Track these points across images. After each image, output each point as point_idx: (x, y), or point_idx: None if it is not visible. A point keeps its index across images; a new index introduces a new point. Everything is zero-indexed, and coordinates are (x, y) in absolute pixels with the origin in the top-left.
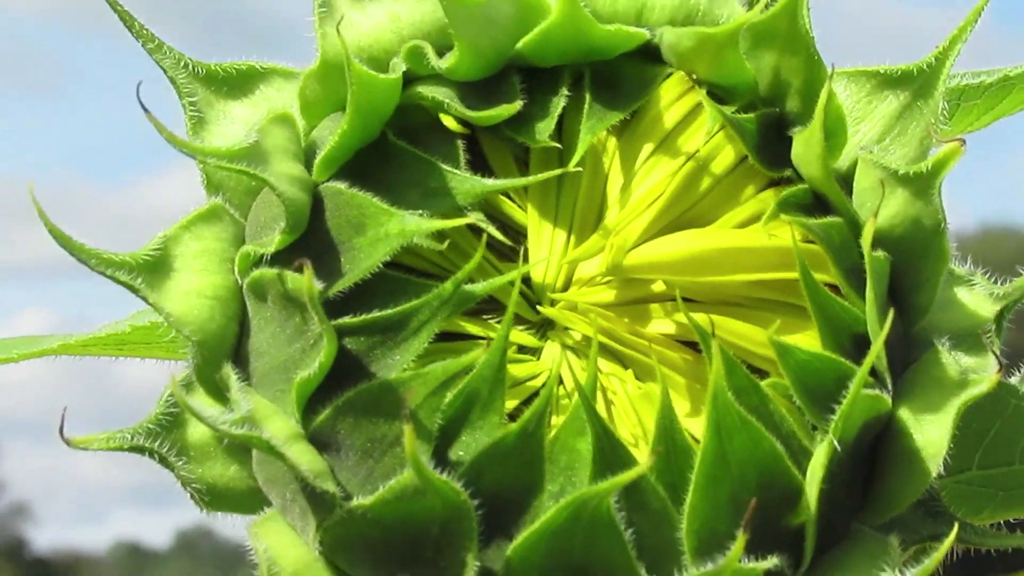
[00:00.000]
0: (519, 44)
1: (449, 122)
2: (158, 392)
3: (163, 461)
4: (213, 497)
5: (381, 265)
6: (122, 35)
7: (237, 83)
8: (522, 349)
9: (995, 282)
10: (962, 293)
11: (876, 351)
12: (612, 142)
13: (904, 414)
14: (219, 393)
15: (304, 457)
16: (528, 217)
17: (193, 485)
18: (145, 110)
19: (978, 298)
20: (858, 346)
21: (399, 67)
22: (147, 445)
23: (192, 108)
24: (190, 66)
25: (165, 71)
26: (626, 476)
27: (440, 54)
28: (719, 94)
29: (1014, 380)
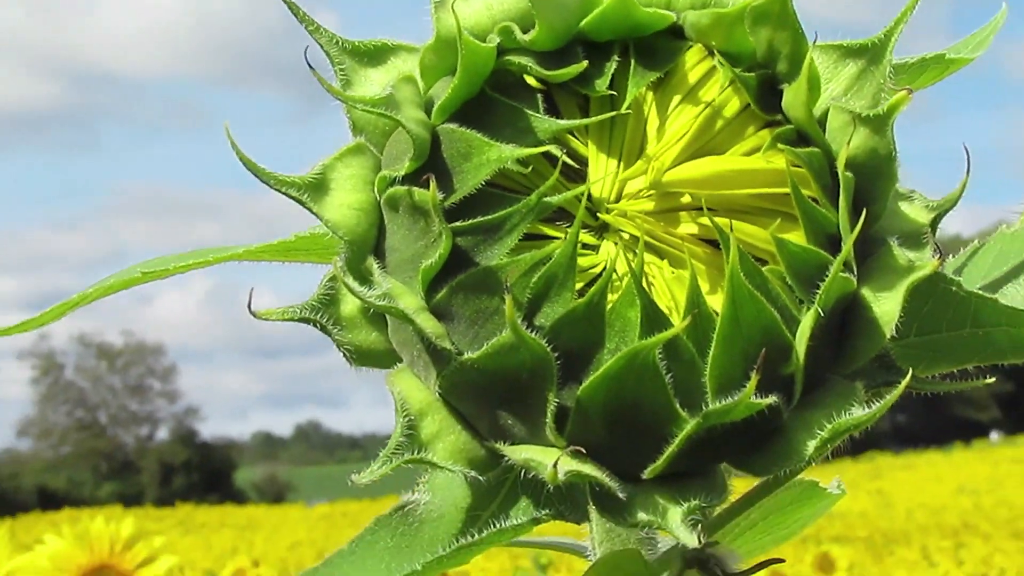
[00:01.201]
0: (582, 23)
1: (530, 81)
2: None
3: (323, 329)
4: (360, 356)
5: (483, 183)
6: (240, 85)
7: (374, 54)
8: (585, 246)
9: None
10: (905, 205)
11: (849, 244)
12: (650, 95)
13: (866, 292)
14: (364, 280)
15: (428, 323)
16: (588, 149)
17: (345, 347)
18: (311, 68)
19: (917, 208)
20: (832, 242)
21: (494, 40)
22: (311, 317)
23: (342, 73)
24: (340, 43)
25: (322, 46)
26: (668, 333)
27: (523, 31)
28: (728, 60)
29: None
